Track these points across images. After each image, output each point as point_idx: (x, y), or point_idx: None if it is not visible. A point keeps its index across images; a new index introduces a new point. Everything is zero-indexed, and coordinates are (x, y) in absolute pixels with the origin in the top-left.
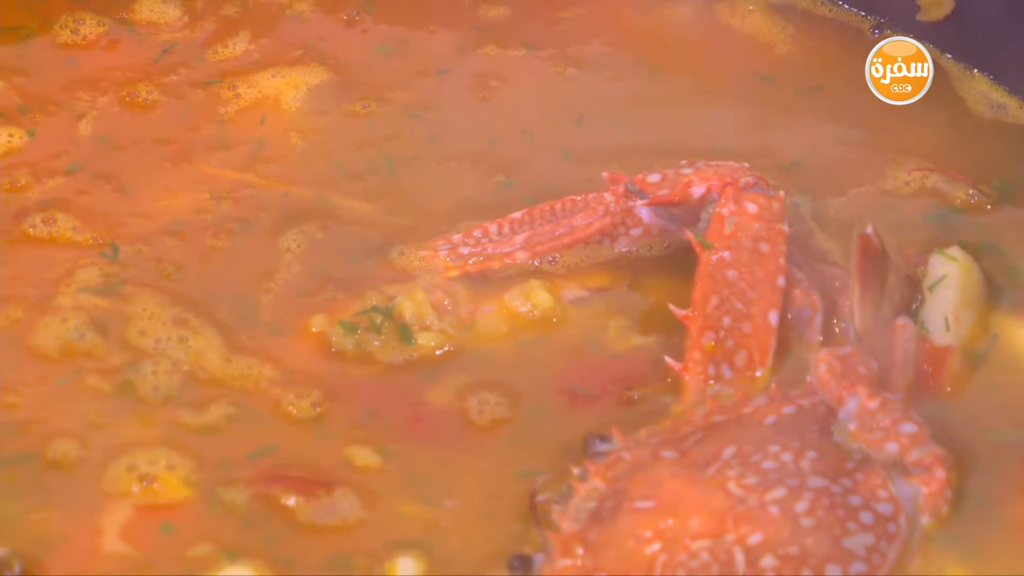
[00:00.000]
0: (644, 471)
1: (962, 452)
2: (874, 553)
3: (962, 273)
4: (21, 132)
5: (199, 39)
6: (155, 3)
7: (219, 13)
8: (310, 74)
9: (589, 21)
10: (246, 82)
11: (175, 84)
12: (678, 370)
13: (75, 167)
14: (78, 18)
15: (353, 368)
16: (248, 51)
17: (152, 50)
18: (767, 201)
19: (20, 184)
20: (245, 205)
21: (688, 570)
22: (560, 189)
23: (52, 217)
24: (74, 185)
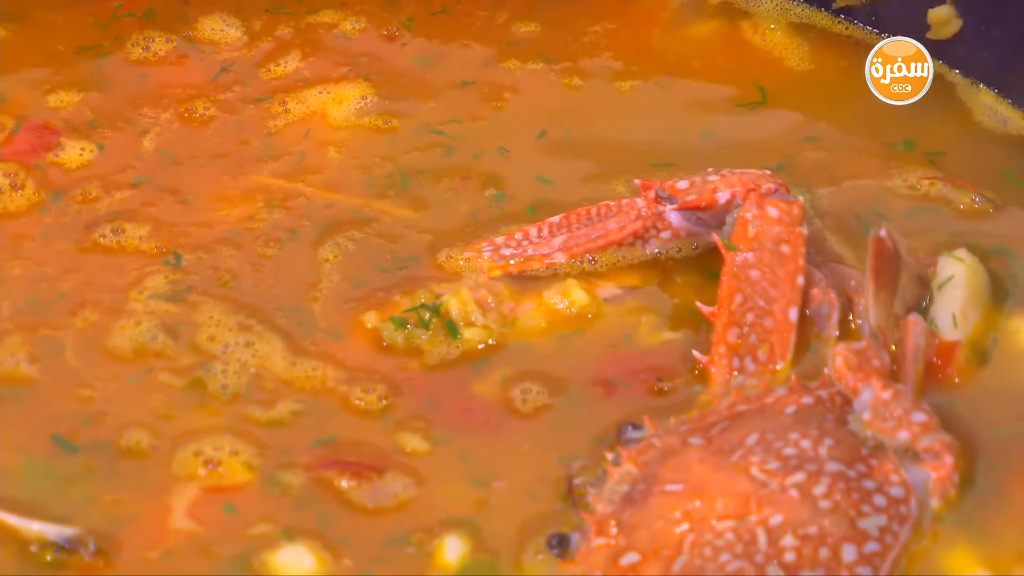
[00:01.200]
0: (673, 457)
1: (969, 440)
2: (887, 533)
3: (969, 274)
4: (92, 146)
5: (255, 58)
6: (217, 23)
7: (275, 33)
8: (354, 89)
9: (614, 37)
10: (295, 98)
11: (229, 100)
12: (705, 363)
13: (140, 180)
14: (148, 36)
15: (407, 362)
16: (298, 68)
17: (212, 68)
18: (787, 206)
19: (91, 196)
20: (295, 214)
21: (714, 549)
22: (562, 200)
23: (120, 227)
24: (139, 197)
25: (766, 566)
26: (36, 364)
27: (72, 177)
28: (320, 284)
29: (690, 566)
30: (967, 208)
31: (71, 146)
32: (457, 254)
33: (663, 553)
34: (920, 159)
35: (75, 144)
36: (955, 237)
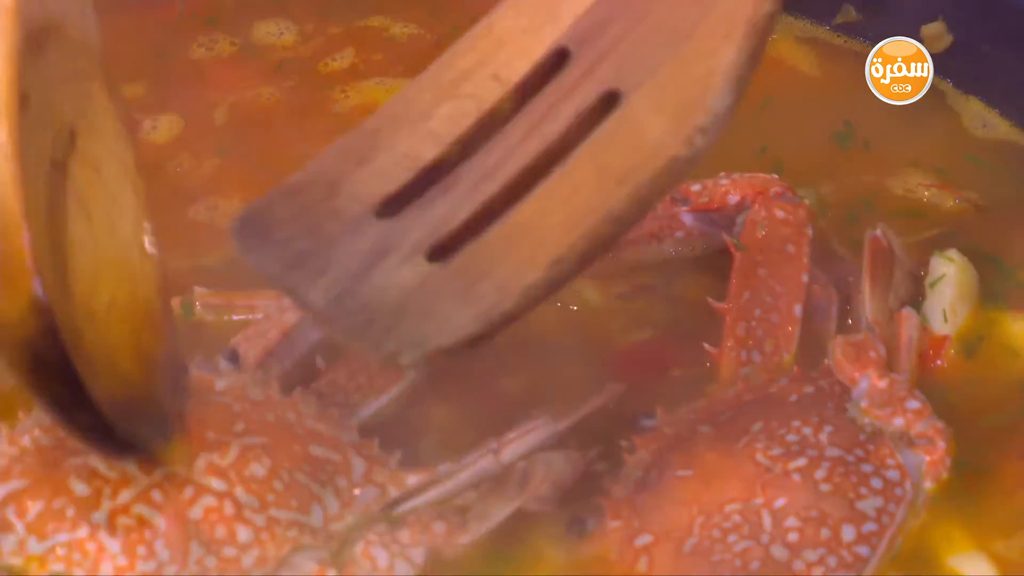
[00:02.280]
0: (683, 444)
1: (959, 426)
2: (884, 514)
3: (958, 273)
4: (177, 119)
5: (311, 56)
6: (272, 26)
7: (327, 33)
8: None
9: None
10: (354, 88)
11: (293, 87)
12: (714, 355)
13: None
14: (213, 38)
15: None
16: (354, 64)
17: (272, 66)
18: (793, 208)
19: (184, 167)
20: None
21: (723, 530)
22: None
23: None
24: (226, 167)
25: (771, 546)
26: None
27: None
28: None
29: (700, 547)
30: (957, 211)
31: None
32: None
33: (675, 535)
34: (915, 164)
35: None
36: (946, 238)
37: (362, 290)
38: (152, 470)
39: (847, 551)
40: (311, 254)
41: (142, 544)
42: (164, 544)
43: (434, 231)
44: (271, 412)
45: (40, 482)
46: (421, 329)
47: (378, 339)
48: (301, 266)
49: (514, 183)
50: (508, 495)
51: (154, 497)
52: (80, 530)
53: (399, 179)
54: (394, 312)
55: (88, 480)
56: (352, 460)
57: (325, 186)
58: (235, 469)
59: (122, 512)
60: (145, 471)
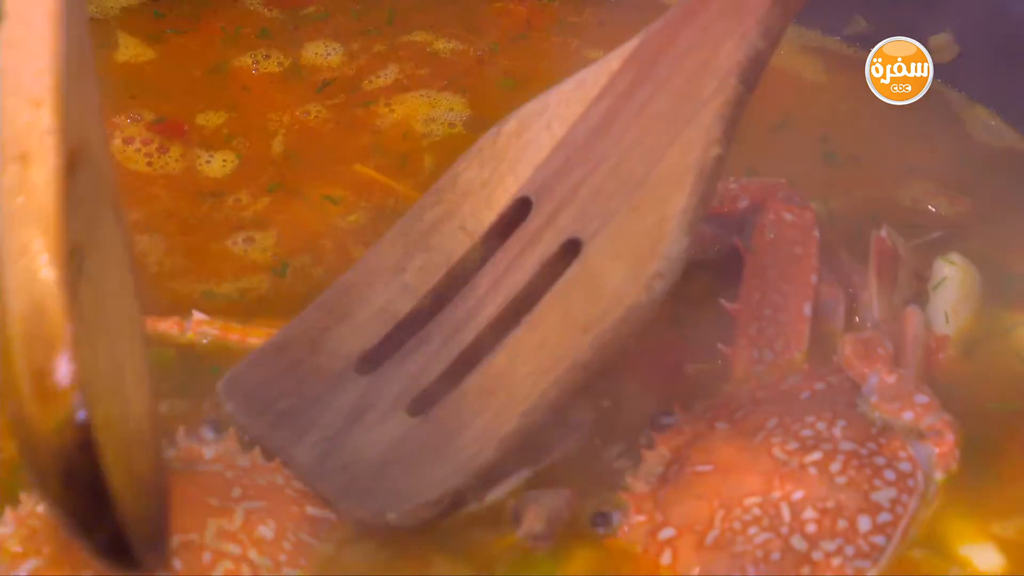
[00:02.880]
0: (702, 440)
1: (964, 419)
2: (897, 504)
3: (960, 275)
4: (232, 156)
5: (354, 72)
6: (319, 46)
7: (372, 51)
8: (454, 100)
9: None
10: (397, 100)
11: (339, 105)
12: (728, 354)
13: (274, 187)
14: (265, 53)
15: None
16: (398, 79)
17: (318, 83)
18: (801, 212)
19: (242, 202)
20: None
21: (743, 523)
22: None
23: (252, 237)
24: (274, 202)
25: (790, 537)
26: None
27: (219, 184)
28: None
29: (722, 539)
30: (960, 215)
31: (215, 157)
32: None
33: (697, 528)
34: (921, 173)
35: (217, 155)
36: (948, 242)
37: (344, 449)
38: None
39: (864, 541)
40: (295, 413)
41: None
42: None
43: (412, 385)
44: (260, 477)
45: (58, 560)
46: (404, 485)
47: (361, 498)
48: (286, 425)
49: (486, 334)
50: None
51: (175, 566)
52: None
53: (377, 334)
54: (376, 470)
55: None
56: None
57: (308, 343)
58: (244, 532)
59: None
60: None
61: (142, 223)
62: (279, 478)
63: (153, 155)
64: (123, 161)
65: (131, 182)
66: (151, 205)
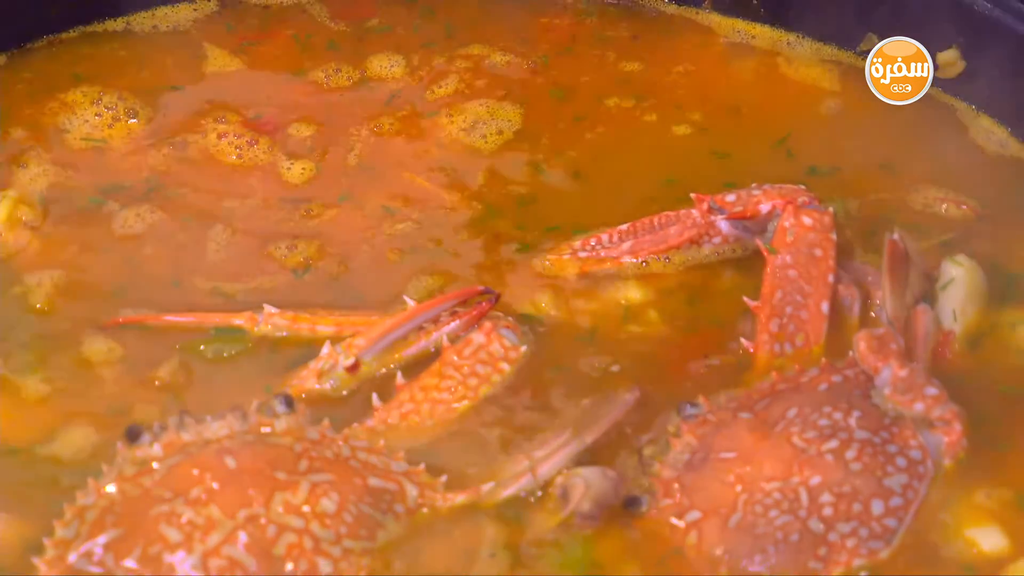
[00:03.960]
0: (726, 429)
1: (970, 410)
2: (909, 490)
3: (967, 276)
4: (311, 165)
5: (418, 84)
6: (384, 60)
7: (431, 64)
8: (509, 111)
9: (693, 76)
10: (458, 109)
11: (407, 116)
12: (750, 348)
13: (344, 198)
14: (336, 67)
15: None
16: (459, 89)
17: (386, 95)
18: (819, 215)
19: (324, 217)
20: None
21: (764, 506)
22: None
23: (295, 244)
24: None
25: (808, 520)
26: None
27: (296, 191)
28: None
29: (744, 521)
30: (967, 220)
31: (295, 165)
32: (543, 256)
33: (721, 511)
34: (931, 179)
35: (296, 164)
36: (956, 245)
37: None
38: (235, 513)
39: (877, 523)
40: None
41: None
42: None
43: None
44: (328, 449)
45: (134, 530)
46: None
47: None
48: None
49: None
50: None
51: (240, 538)
52: (176, 574)
53: None
54: None
55: (178, 526)
56: (406, 487)
57: None
58: (308, 505)
59: (213, 554)
60: (228, 514)
61: (205, 214)
62: (345, 449)
63: (243, 148)
64: (215, 155)
65: (225, 173)
66: (236, 201)
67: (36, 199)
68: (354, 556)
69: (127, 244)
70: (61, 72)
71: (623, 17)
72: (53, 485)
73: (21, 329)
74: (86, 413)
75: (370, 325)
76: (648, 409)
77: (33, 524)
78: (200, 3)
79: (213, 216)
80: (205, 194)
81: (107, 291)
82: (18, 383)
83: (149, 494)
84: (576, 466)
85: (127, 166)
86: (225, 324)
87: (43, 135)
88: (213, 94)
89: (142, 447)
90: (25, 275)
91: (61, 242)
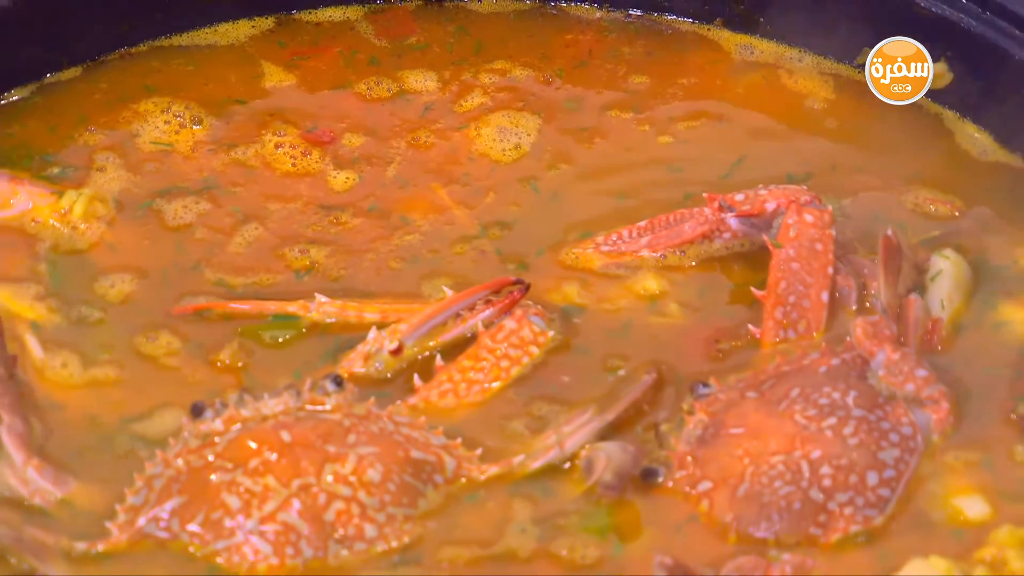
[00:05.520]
0: (735, 407)
1: (957, 389)
2: (900, 463)
3: (953, 268)
4: (354, 175)
5: (448, 97)
6: (419, 75)
7: (460, 79)
8: (529, 120)
9: (698, 88)
10: (484, 121)
11: (441, 130)
12: (757, 334)
13: (374, 207)
14: (377, 80)
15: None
16: (483, 101)
17: (420, 108)
18: (820, 213)
19: (348, 225)
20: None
21: (769, 477)
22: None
23: (306, 249)
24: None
25: (810, 490)
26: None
27: (337, 198)
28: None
29: (751, 491)
30: (954, 218)
31: (340, 175)
32: (568, 251)
33: (730, 481)
34: (921, 181)
35: (340, 173)
36: (944, 240)
37: None
38: (289, 482)
39: (872, 493)
40: None
41: (289, 545)
42: (307, 544)
43: None
44: (374, 424)
45: (197, 498)
46: None
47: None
48: None
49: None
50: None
51: (294, 505)
52: (236, 537)
53: None
54: None
55: (238, 494)
56: (444, 459)
57: None
58: (356, 475)
59: (270, 520)
60: (283, 483)
61: (247, 212)
62: (389, 425)
63: (298, 158)
64: (272, 162)
65: (277, 179)
66: (279, 204)
67: (109, 197)
68: (397, 522)
69: (179, 234)
70: (134, 83)
71: (640, 36)
72: (125, 457)
73: (99, 313)
74: (156, 392)
75: (412, 312)
76: (664, 389)
77: (107, 492)
78: (258, 21)
79: (253, 215)
80: (254, 195)
81: (170, 279)
82: (95, 364)
83: (211, 465)
84: (599, 441)
85: (189, 168)
86: (281, 311)
87: (117, 140)
88: (271, 106)
89: (205, 422)
90: (102, 264)
91: (130, 234)
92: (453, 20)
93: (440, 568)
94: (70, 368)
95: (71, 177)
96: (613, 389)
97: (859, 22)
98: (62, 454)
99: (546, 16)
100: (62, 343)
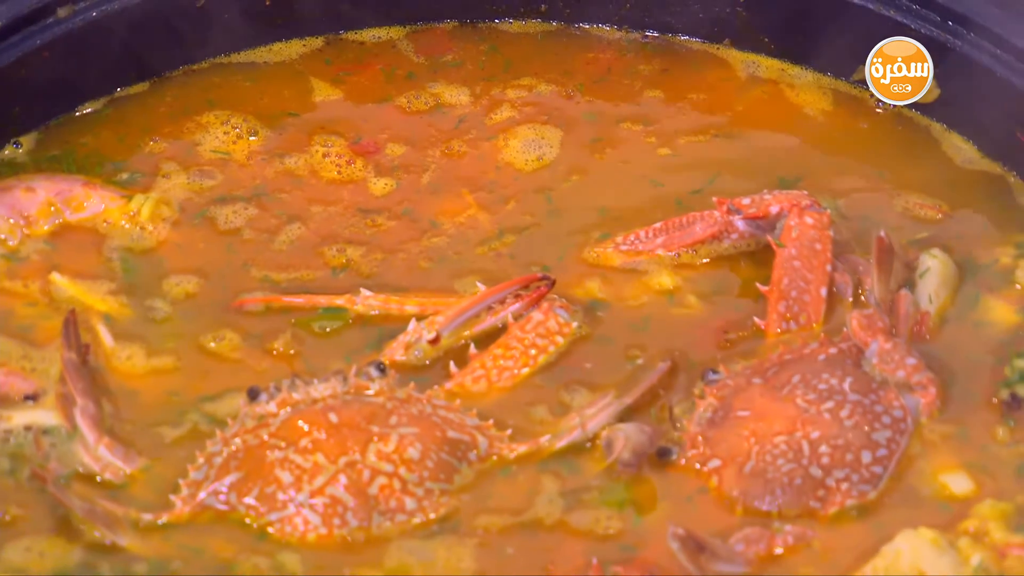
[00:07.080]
0: (742, 392)
1: (943, 375)
2: (892, 442)
3: (940, 266)
4: (392, 182)
5: (480, 110)
6: (453, 90)
7: (490, 94)
8: (551, 133)
9: (705, 103)
10: (512, 133)
11: (473, 140)
12: (762, 326)
13: (407, 211)
14: (416, 93)
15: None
16: (511, 115)
17: (454, 120)
18: (819, 216)
19: (383, 227)
20: (464, 238)
21: (773, 456)
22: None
23: (343, 248)
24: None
25: (809, 467)
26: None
27: (375, 202)
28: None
29: (757, 468)
30: (941, 220)
31: (379, 181)
32: (589, 251)
33: (738, 459)
34: (910, 187)
35: (379, 180)
36: (932, 240)
37: None
38: (336, 459)
39: (866, 470)
40: None
41: (336, 517)
42: (353, 516)
43: None
44: (414, 407)
45: (253, 473)
46: None
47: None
48: None
49: None
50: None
51: (341, 480)
52: (288, 509)
53: None
54: None
55: (289, 470)
56: (478, 438)
57: None
58: (397, 454)
59: (319, 493)
60: (331, 460)
61: (291, 214)
62: (428, 407)
63: (343, 166)
64: (319, 170)
65: (322, 185)
66: (322, 207)
67: (173, 200)
68: (435, 496)
69: (230, 237)
70: (196, 97)
71: (657, 54)
72: (188, 437)
73: (166, 306)
74: (219, 378)
75: (448, 306)
76: (678, 376)
77: (171, 468)
78: (308, 40)
79: (297, 217)
80: (299, 200)
81: (225, 278)
82: (161, 353)
83: (266, 443)
84: (618, 422)
85: (244, 175)
86: (330, 304)
87: (180, 149)
88: (319, 118)
89: (260, 404)
90: (167, 263)
91: (191, 235)
92: (486, 40)
93: (476, 535)
94: (135, 359)
95: (139, 182)
96: (631, 375)
97: (856, 41)
98: (131, 434)
99: (570, 36)
100: (132, 335)
